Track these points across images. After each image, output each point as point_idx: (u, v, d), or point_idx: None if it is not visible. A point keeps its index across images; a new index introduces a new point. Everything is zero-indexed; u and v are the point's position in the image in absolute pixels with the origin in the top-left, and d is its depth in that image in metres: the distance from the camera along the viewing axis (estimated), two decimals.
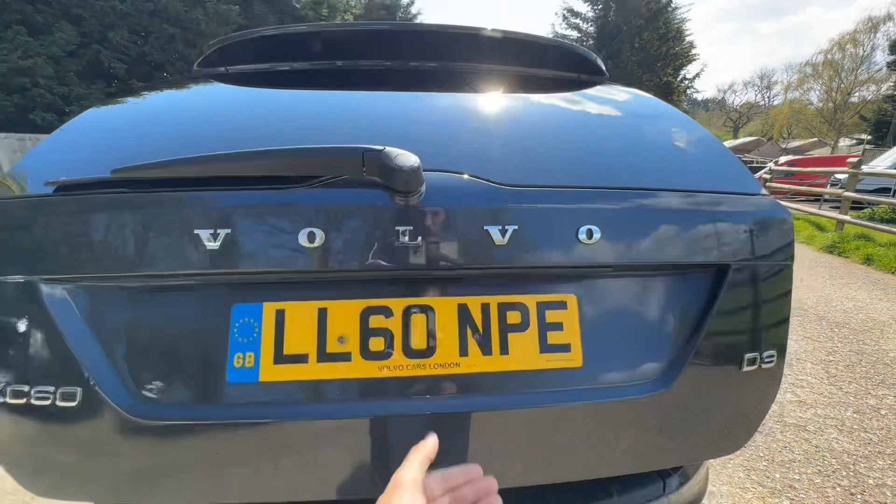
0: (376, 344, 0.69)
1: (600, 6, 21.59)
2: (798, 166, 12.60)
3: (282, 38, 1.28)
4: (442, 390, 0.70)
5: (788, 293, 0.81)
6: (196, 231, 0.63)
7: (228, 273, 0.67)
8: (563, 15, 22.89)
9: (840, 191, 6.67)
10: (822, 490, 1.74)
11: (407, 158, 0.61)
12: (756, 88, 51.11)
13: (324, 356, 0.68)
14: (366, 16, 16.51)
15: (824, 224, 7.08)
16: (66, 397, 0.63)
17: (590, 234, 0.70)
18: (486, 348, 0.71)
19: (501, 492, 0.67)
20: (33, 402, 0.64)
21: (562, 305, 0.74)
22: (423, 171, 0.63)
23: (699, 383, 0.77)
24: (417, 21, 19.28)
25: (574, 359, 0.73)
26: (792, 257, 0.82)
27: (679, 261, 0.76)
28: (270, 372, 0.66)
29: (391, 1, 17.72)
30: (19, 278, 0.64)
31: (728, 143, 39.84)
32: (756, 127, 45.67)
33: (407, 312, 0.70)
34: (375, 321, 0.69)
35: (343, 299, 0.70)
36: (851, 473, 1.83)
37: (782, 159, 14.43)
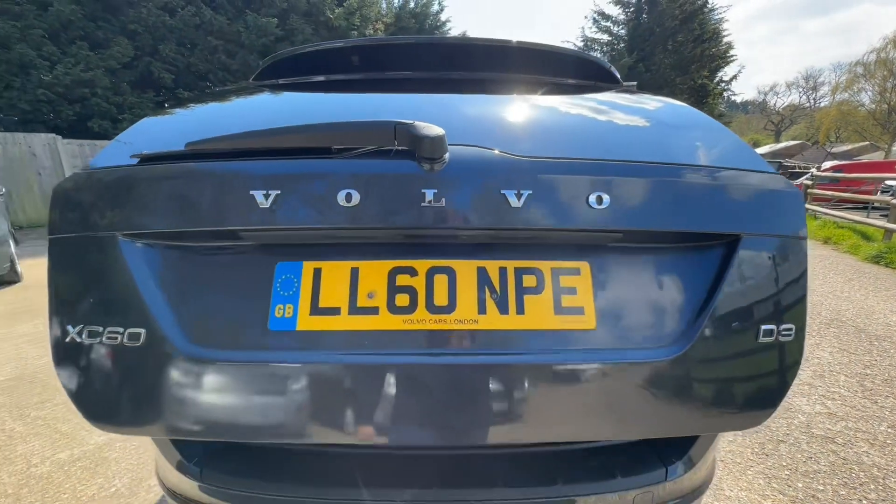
0: (402, 300, 0.77)
1: (632, 9, 21.17)
2: (844, 172, 11.87)
3: (327, 52, 1.45)
4: (461, 344, 0.76)
5: (803, 269, 0.81)
6: (251, 192, 0.74)
7: (277, 229, 0.76)
8: (594, 18, 22.59)
9: (889, 198, 6.27)
10: (847, 502, 1.71)
11: (432, 129, 0.72)
12: (800, 90, 48.36)
13: (354, 309, 0.76)
14: (396, 24, 16.91)
15: (871, 233, 6.67)
16: (132, 337, 0.74)
17: (599, 200, 0.75)
18: (503, 308, 0.77)
19: (511, 453, 0.77)
20: (104, 340, 0.75)
21: (575, 272, 0.80)
22: (448, 144, 0.74)
23: (714, 350, 0.78)
24: (447, 28, 19.59)
25: (588, 321, 0.78)
26: (804, 234, 0.82)
27: (687, 229, 0.79)
28: (307, 322, 0.76)
29: (420, 9, 18.05)
30: (103, 234, 0.76)
31: (768, 148, 37.80)
32: (800, 130, 43.18)
33: (430, 273, 0.78)
34: (402, 280, 0.78)
35: (373, 259, 0.79)
36: (881, 487, 1.78)
37: (827, 164, 13.63)
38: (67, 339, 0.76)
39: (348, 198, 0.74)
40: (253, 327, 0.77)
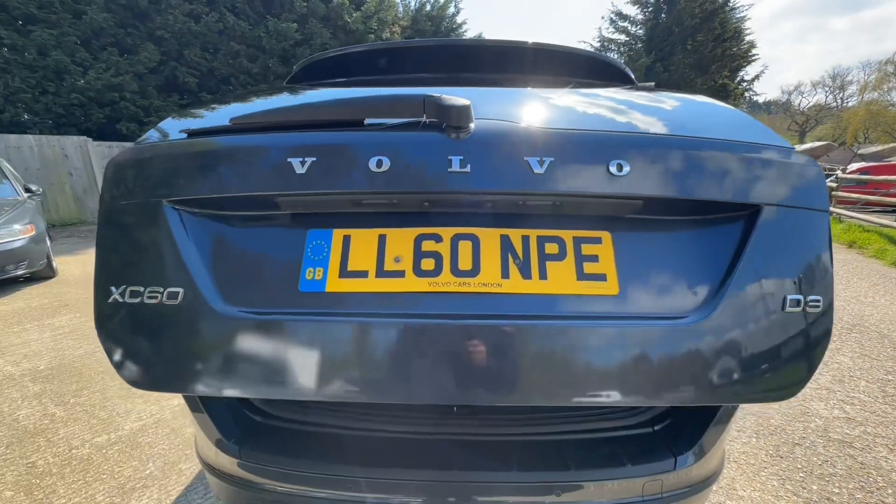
0: (427, 264, 0.81)
1: (650, 8, 20.87)
2: (872, 174, 11.45)
3: (357, 55, 1.56)
4: (484, 306, 0.78)
5: (826, 241, 0.82)
6: (289, 160, 0.80)
7: (311, 193, 0.81)
8: (611, 19, 22.35)
9: None
10: None
11: (459, 100, 0.77)
12: (827, 89, 46.77)
13: (381, 273, 0.80)
14: (413, 27, 17.07)
15: None
16: (171, 296, 0.79)
17: (620, 167, 0.77)
18: (525, 273, 0.80)
19: (527, 440, 0.82)
20: (145, 300, 0.79)
21: (597, 241, 0.82)
22: (475, 116, 0.79)
23: (739, 318, 0.77)
24: (463, 30, 19.66)
25: (610, 287, 0.79)
26: (826, 208, 0.83)
27: (705, 198, 0.80)
28: (335, 284, 0.81)
29: (437, 12, 18.18)
30: (151, 201, 0.82)
31: None
32: (826, 131, 41.72)
33: (455, 239, 0.82)
34: (427, 245, 0.82)
35: (400, 227, 0.83)
36: None
37: (854, 166, 13.16)
38: (110, 300, 0.81)
39: (379, 164, 0.78)
40: (284, 289, 0.81)
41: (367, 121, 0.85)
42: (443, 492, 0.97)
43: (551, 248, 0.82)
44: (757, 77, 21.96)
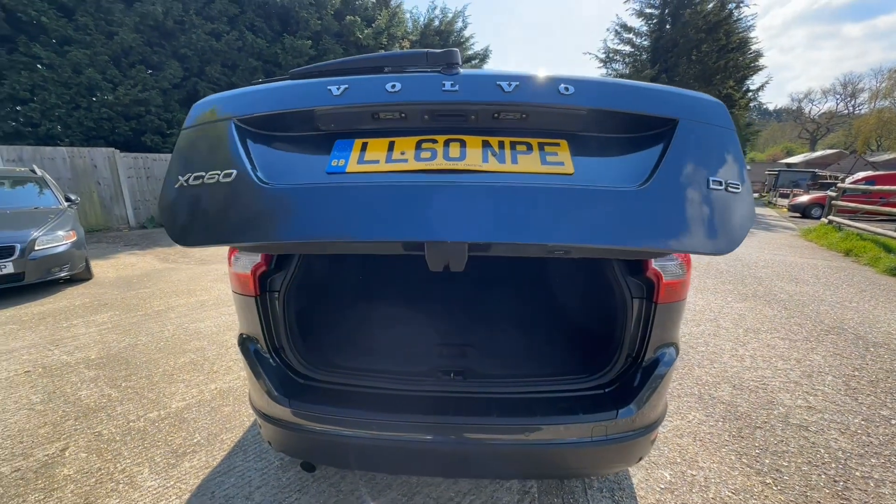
0: (425, 154, 1.07)
1: (655, 20, 21.20)
2: (879, 183, 11.51)
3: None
4: (472, 179, 1.02)
5: (736, 148, 1.07)
6: (328, 87, 1.13)
7: (343, 106, 1.11)
8: (616, 30, 22.73)
9: None
10: (807, 475, 1.97)
11: (451, 51, 1.16)
12: (838, 97, 46.41)
13: (390, 160, 1.07)
14: (421, 42, 17.65)
15: (894, 246, 6.61)
16: (226, 175, 1.05)
17: (567, 89, 1.09)
18: (501, 160, 1.05)
19: (504, 397, 1.13)
20: (206, 181, 1.06)
21: (556, 145, 1.10)
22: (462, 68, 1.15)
23: (671, 188, 1.00)
24: (470, 43, 20.20)
25: (567, 169, 1.04)
26: (730, 126, 1.10)
27: (634, 110, 1.09)
28: (354, 167, 1.06)
29: (444, 27, 18.77)
30: (222, 118, 1.15)
31: (803, 157, 36.31)
32: (837, 139, 41.36)
33: (447, 142, 1.09)
34: (426, 146, 1.09)
35: (405, 136, 1.11)
36: (840, 466, 2.03)
37: (859, 175, 13.22)
38: (177, 185, 1.09)
39: (393, 87, 1.12)
40: (313, 172, 1.08)
41: (389, 66, 1.24)
42: (441, 430, 1.30)
43: (521, 147, 1.09)
44: (762, 87, 22.07)
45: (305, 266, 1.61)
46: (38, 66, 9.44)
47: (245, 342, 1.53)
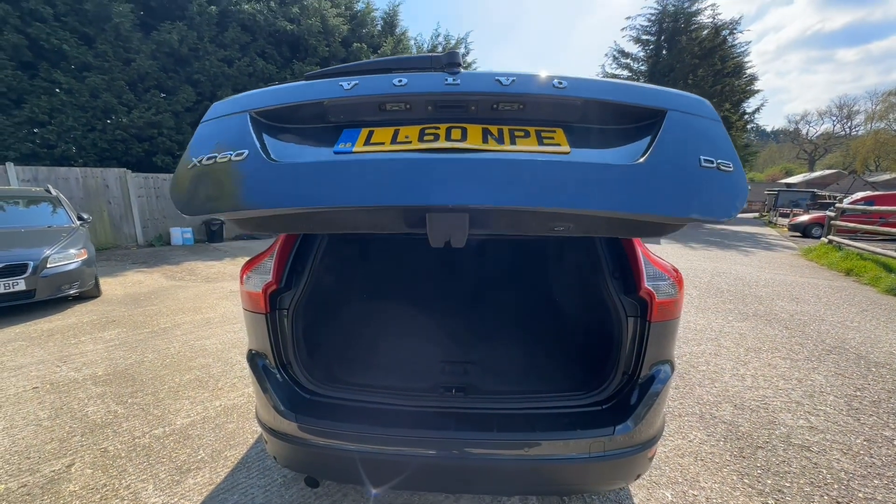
0: (428, 138, 1.12)
1: (652, 46, 21.90)
2: (878, 203, 11.59)
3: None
4: (473, 156, 1.07)
5: (722, 135, 1.13)
6: (340, 83, 1.21)
7: (352, 97, 1.18)
8: (614, 55, 23.45)
9: None
10: (810, 496, 1.97)
11: (453, 53, 1.26)
12: (834, 118, 47.12)
13: (394, 143, 1.12)
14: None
15: (895, 266, 6.63)
16: (238, 154, 1.11)
17: (560, 83, 1.16)
18: (500, 142, 1.11)
19: (506, 413, 1.18)
20: (218, 160, 1.11)
21: (552, 132, 1.16)
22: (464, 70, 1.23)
23: (665, 164, 1.04)
24: (473, 69, 20.87)
25: (564, 149, 1.10)
26: (718, 119, 1.16)
27: (625, 101, 1.17)
28: (360, 149, 1.11)
29: (446, 41, 19.47)
30: (239, 111, 1.22)
31: (802, 177, 36.53)
32: (836, 159, 41.73)
33: (449, 128, 1.15)
34: (429, 132, 1.15)
35: (409, 125, 1.18)
36: (843, 487, 2.02)
37: (858, 195, 13.32)
38: (190, 166, 1.15)
39: (400, 81, 1.20)
40: (320, 153, 1.16)
41: (398, 68, 1.34)
42: (443, 446, 1.34)
43: (519, 133, 1.16)
44: (757, 110, 22.54)
45: (313, 285, 1.68)
46: (57, 90, 9.83)
47: (254, 358, 1.59)
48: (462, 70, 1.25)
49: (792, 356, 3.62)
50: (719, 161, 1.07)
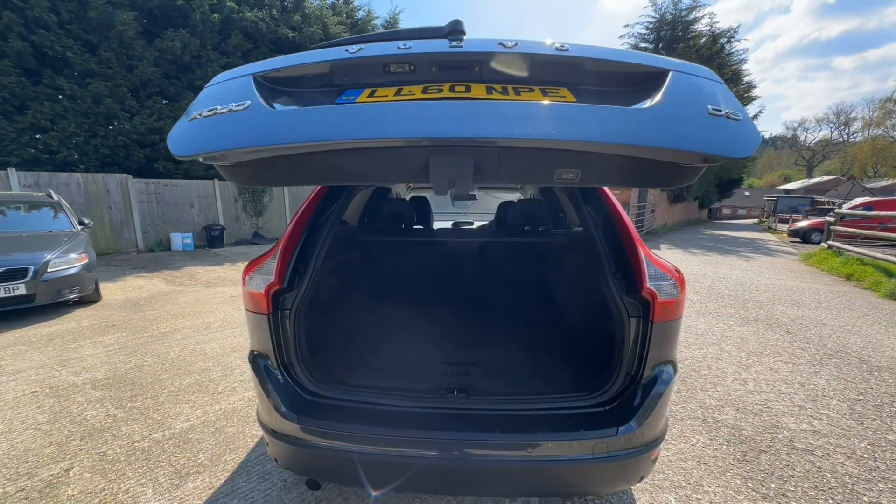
0: (431, 91, 1.13)
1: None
2: (876, 208, 11.64)
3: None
4: (477, 101, 1.09)
5: (722, 89, 1.12)
6: (346, 48, 1.21)
7: (355, 59, 1.18)
8: None
9: None
10: (814, 500, 1.95)
11: (457, 21, 1.25)
12: (831, 125, 47.42)
13: (398, 95, 1.13)
14: None
15: (895, 270, 6.63)
16: (239, 105, 1.10)
17: (562, 47, 1.16)
18: (505, 93, 1.11)
19: (512, 415, 1.17)
20: (218, 111, 1.09)
21: (557, 90, 1.15)
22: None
23: (675, 109, 1.04)
24: None
25: (569, 98, 1.10)
26: (721, 82, 1.15)
27: (635, 62, 1.18)
28: (363, 100, 1.13)
29: None
30: (243, 75, 1.22)
31: (801, 183, 36.76)
32: (834, 165, 41.92)
33: (452, 86, 1.16)
34: (432, 88, 1.16)
35: (412, 85, 1.18)
36: (848, 491, 2.01)
37: (857, 200, 13.38)
38: (189, 119, 1.13)
39: (405, 46, 1.20)
40: (323, 102, 1.18)
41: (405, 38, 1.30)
42: (445, 447, 1.33)
43: (524, 89, 1.16)
44: (755, 116, 22.69)
45: (316, 286, 1.68)
46: (60, 96, 9.89)
47: (256, 359, 1.58)
48: (465, 38, 1.23)
49: (794, 360, 3.61)
50: (727, 111, 1.05)
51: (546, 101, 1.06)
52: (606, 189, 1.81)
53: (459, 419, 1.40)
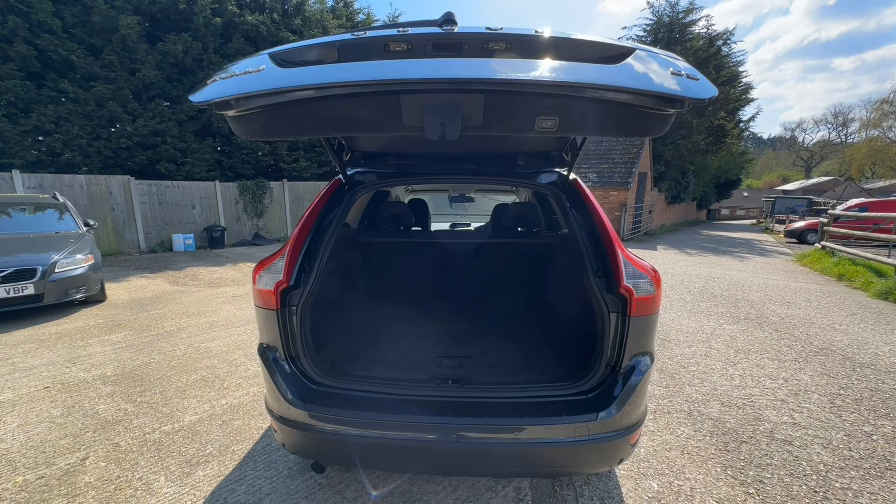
0: (426, 52, 1.28)
1: None
2: (871, 209, 11.78)
3: None
4: (466, 59, 1.25)
5: (690, 67, 1.23)
6: (351, 32, 1.32)
7: (363, 40, 1.30)
8: None
9: (894, 236, 6.43)
10: (789, 486, 2.07)
11: (449, 12, 1.34)
12: (829, 126, 47.64)
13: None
14: None
15: (886, 271, 6.76)
16: (255, 68, 1.25)
17: (541, 30, 1.26)
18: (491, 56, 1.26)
19: (499, 402, 1.30)
20: (236, 74, 1.25)
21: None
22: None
23: (641, 67, 1.19)
24: None
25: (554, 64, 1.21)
26: (682, 59, 1.28)
27: (604, 42, 1.31)
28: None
29: None
30: (259, 55, 1.33)
31: (799, 184, 36.92)
32: (832, 166, 42.12)
33: (448, 55, 1.29)
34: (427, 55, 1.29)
35: (409, 59, 1.29)
36: (821, 478, 2.13)
37: (853, 201, 13.52)
38: (210, 81, 1.26)
39: (404, 28, 1.31)
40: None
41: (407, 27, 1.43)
42: (440, 431, 1.46)
43: (510, 56, 1.29)
44: (752, 118, 22.88)
45: (320, 284, 1.80)
46: (64, 99, 10.02)
47: (265, 351, 1.70)
48: (456, 27, 1.33)
49: (780, 357, 3.73)
50: (686, 73, 1.19)
51: (527, 60, 1.20)
52: (591, 195, 1.93)
53: (454, 406, 1.52)
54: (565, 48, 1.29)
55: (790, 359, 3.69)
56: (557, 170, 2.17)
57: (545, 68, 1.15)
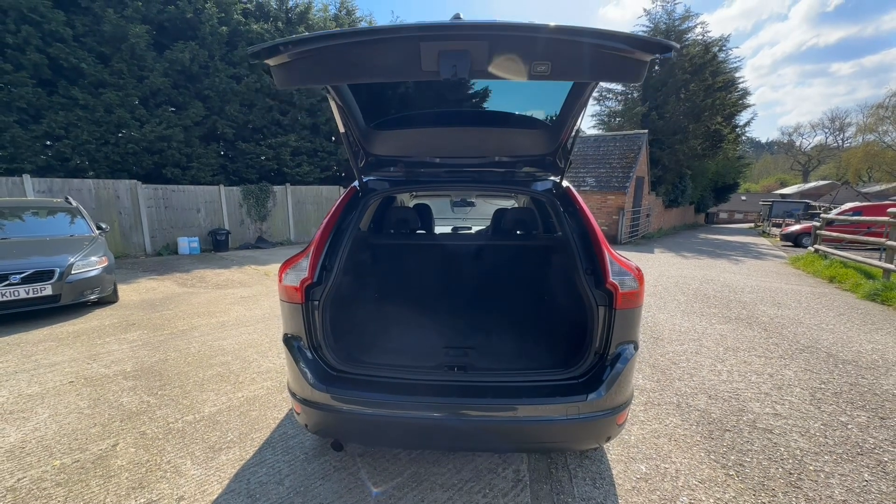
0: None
1: None
2: (865, 214, 12.00)
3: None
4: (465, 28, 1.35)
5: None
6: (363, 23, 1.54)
7: (369, 30, 1.39)
8: None
9: (883, 239, 6.63)
10: (766, 469, 2.25)
11: (456, 14, 1.52)
12: (826, 130, 48.05)
13: None
14: None
15: (875, 273, 6.95)
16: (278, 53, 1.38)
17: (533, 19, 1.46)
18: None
19: (497, 386, 1.49)
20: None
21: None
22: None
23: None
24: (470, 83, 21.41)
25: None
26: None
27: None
28: None
29: None
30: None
31: (797, 188, 37.13)
32: (829, 170, 42.44)
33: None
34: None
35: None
36: (797, 462, 2.31)
37: (847, 205, 13.75)
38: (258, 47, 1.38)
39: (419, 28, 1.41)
40: None
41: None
42: (447, 410, 1.64)
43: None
44: (748, 123, 23.12)
45: (339, 281, 2.00)
46: (74, 106, 10.25)
47: (290, 340, 1.89)
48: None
49: (767, 354, 3.92)
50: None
51: (524, 22, 1.37)
52: (582, 202, 2.13)
53: (459, 389, 1.71)
54: (562, 40, 1.40)
55: (776, 356, 3.88)
56: (552, 178, 2.37)
57: (543, 28, 1.32)
